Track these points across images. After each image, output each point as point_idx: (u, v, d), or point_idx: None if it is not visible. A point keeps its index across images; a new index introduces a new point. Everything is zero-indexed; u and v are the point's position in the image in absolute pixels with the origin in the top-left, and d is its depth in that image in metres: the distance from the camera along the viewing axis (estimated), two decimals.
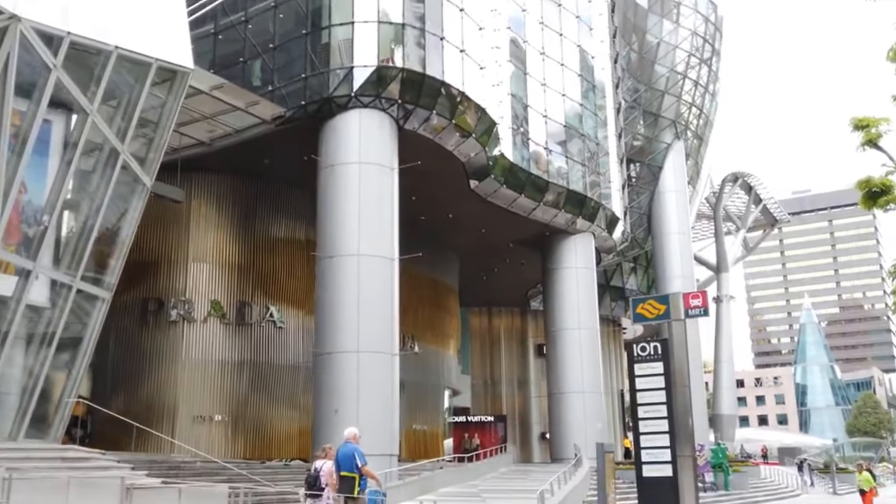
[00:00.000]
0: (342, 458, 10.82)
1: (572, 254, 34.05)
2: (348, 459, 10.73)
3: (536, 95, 31.14)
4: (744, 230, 70.12)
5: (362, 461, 10.74)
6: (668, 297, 17.73)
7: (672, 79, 46.46)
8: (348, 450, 10.88)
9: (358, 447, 10.95)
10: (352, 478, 10.65)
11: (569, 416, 33.04)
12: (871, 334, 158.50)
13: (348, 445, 10.98)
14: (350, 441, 11.07)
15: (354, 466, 10.66)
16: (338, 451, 11.18)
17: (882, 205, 33.84)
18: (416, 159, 23.64)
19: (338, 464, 10.88)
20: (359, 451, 10.87)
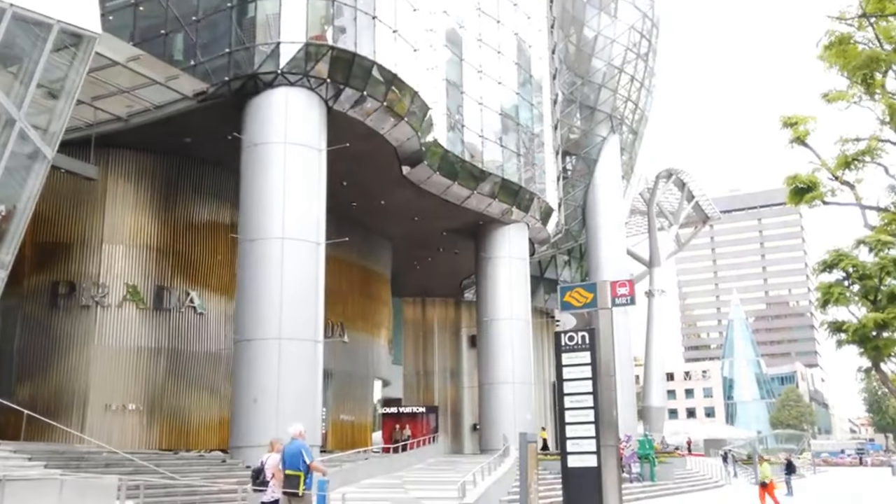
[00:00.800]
0: (288, 455, 10.71)
1: (506, 244, 33.78)
2: (295, 457, 10.63)
3: (472, 82, 30.69)
4: (676, 226, 71.22)
5: (310, 458, 10.67)
6: (595, 285, 17.45)
7: (609, 73, 46.63)
8: (295, 447, 10.76)
9: (304, 444, 10.87)
10: (297, 476, 10.57)
11: (499, 407, 32.82)
12: (796, 330, 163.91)
13: (294, 443, 10.86)
14: (296, 438, 10.96)
15: (301, 464, 10.57)
16: (284, 447, 11.09)
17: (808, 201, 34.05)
18: (346, 142, 22.92)
19: (283, 461, 10.77)
20: (305, 447, 10.79)
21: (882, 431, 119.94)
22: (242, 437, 20.24)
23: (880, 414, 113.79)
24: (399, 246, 37.70)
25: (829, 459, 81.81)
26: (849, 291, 44.93)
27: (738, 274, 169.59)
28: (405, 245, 37.60)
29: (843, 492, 34.74)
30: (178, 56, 22.82)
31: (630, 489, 27.63)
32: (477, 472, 18.46)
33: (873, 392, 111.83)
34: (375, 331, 35.67)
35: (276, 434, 19.60)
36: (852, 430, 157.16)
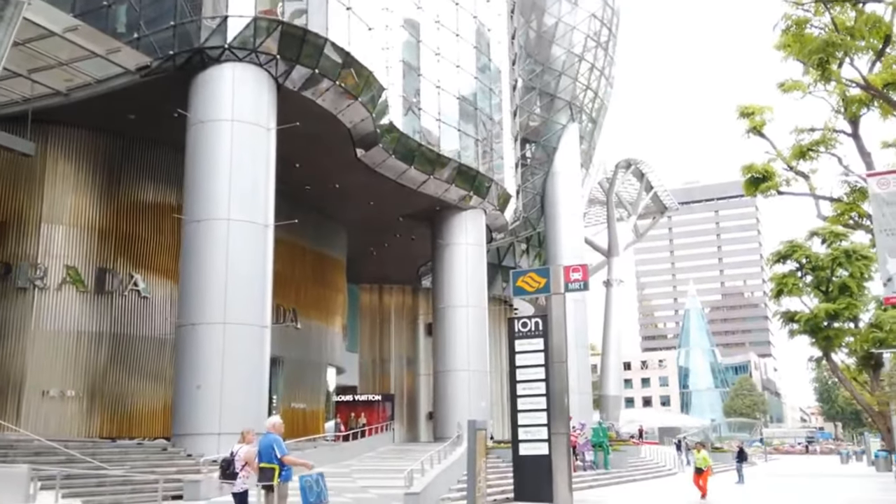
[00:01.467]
0: (262, 448, 10.64)
1: (463, 230, 33.39)
2: (268, 450, 10.54)
3: (430, 65, 30.15)
4: (635, 216, 71.64)
5: (282, 451, 10.53)
6: (548, 269, 17.15)
7: (569, 60, 46.42)
8: (268, 440, 10.67)
9: (277, 437, 10.71)
10: (271, 469, 10.48)
11: (454, 395, 32.49)
12: (750, 321, 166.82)
13: (268, 436, 10.75)
14: (270, 431, 10.85)
15: (274, 457, 10.49)
16: (260, 440, 10.99)
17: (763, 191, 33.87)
18: (297, 122, 22.22)
19: (259, 454, 10.71)
20: (278, 441, 10.63)
21: (832, 420, 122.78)
22: (185, 424, 19.56)
23: (830, 403, 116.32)
24: (355, 231, 37.08)
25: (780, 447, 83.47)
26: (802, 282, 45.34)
27: (695, 265, 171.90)
28: (361, 230, 36.98)
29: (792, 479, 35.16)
30: (122, 29, 21.89)
31: (583, 477, 27.53)
32: (426, 461, 18.06)
33: (824, 382, 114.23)
34: (329, 317, 35.05)
35: (219, 422, 19.07)
36: (803, 419, 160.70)
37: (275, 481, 10.41)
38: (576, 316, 45.89)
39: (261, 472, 10.57)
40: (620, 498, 22.69)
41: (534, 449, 18.15)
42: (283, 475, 10.45)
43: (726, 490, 27.07)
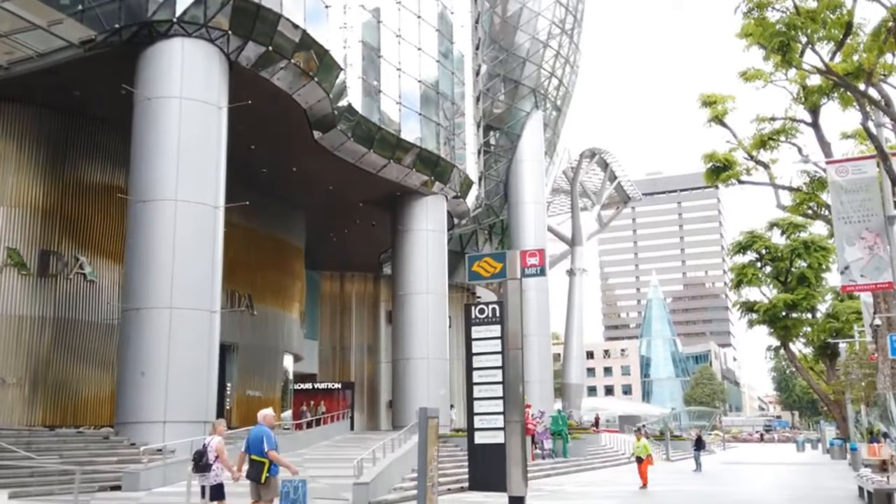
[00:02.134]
0: (252, 441, 10.22)
1: (423, 216, 32.90)
2: (258, 443, 10.12)
3: (391, 47, 29.53)
4: (598, 206, 71.80)
5: (269, 445, 10.08)
6: (504, 254, 16.69)
7: (533, 47, 46.01)
8: (258, 432, 10.23)
9: (268, 430, 10.32)
10: (261, 463, 10.13)
11: (413, 383, 32.11)
12: (711, 311, 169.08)
13: (259, 428, 10.32)
14: (261, 423, 10.45)
15: (263, 451, 10.14)
16: (250, 431, 10.65)
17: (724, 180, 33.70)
18: (252, 100, 21.50)
19: (247, 445, 10.32)
20: (268, 434, 10.23)
21: (789, 409, 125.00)
22: (129, 412, 18.86)
23: (787, 392, 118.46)
24: (314, 217, 36.39)
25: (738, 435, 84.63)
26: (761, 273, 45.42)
27: (658, 255, 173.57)
28: (320, 216, 36.31)
29: (748, 466, 35.42)
30: (65, 0, 20.92)
31: (541, 465, 27.37)
32: (378, 449, 17.63)
33: (782, 371, 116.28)
34: (287, 304, 34.39)
35: (164, 410, 18.43)
36: (761, 408, 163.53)
37: (262, 476, 10.12)
38: (538, 304, 45.78)
39: (250, 464, 10.26)
40: (577, 485, 22.50)
41: (489, 437, 17.76)
42: (272, 469, 10.18)
43: (681, 478, 27.14)
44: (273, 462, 10.15)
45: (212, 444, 10.74)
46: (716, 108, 32.97)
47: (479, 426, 17.99)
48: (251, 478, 10.20)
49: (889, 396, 25.71)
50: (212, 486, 10.69)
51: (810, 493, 20.79)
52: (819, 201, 32.11)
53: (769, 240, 49.44)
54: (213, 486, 10.69)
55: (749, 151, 32.63)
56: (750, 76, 30.47)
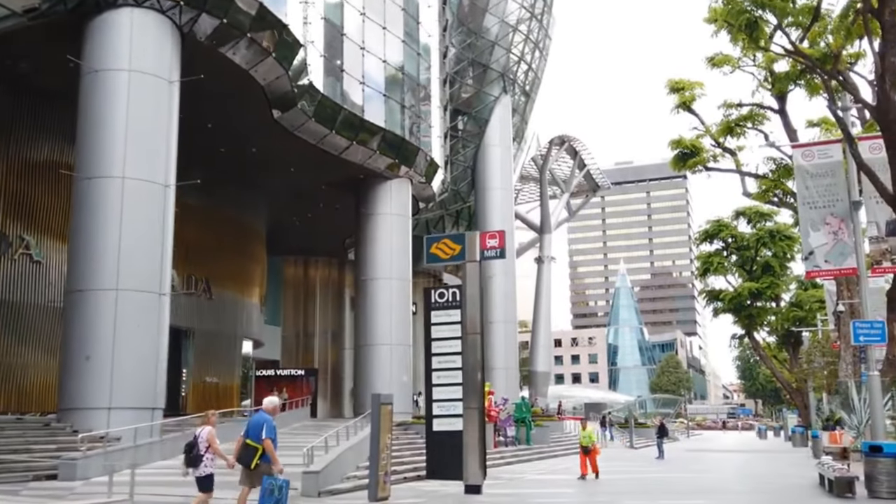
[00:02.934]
0: (252, 426, 10.29)
1: (388, 200, 32.24)
2: (257, 429, 10.15)
3: (355, 26, 28.76)
4: (567, 194, 71.61)
5: (267, 433, 10.06)
6: (464, 236, 16.25)
7: (502, 30, 45.41)
8: (259, 419, 10.28)
9: (269, 418, 10.30)
10: (254, 448, 10.13)
11: (375, 369, 31.55)
12: (678, 300, 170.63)
13: (261, 415, 10.38)
14: (265, 411, 10.49)
15: (260, 438, 10.10)
16: (251, 416, 10.79)
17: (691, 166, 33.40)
18: (208, 77, 20.71)
19: (246, 429, 10.36)
20: (268, 421, 10.21)
21: (752, 397, 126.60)
22: (73, 398, 18.07)
23: (751, 380, 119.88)
24: (276, 200, 35.59)
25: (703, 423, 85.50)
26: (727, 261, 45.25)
27: (626, 244, 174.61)
28: (283, 199, 35.50)
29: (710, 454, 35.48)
30: None
31: (503, 453, 27.03)
32: (331, 437, 17.08)
33: (746, 360, 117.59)
34: (246, 289, 33.64)
35: (110, 396, 17.69)
36: (726, 396, 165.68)
37: (253, 463, 10.05)
38: (504, 291, 45.41)
39: (243, 448, 10.20)
40: (538, 473, 22.16)
41: (448, 425, 17.34)
42: (264, 457, 10.11)
43: (642, 465, 26.97)
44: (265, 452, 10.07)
45: (203, 435, 10.47)
46: (683, 94, 32.74)
47: (437, 413, 17.58)
48: (241, 461, 10.18)
49: (851, 384, 25.70)
50: (199, 478, 10.45)
51: (771, 480, 20.66)
52: (785, 188, 32.08)
53: (735, 228, 49.58)
54: (200, 478, 10.44)
55: (716, 138, 32.48)
56: (718, 61, 30.25)
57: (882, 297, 27.72)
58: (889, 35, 14.64)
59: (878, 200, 17.17)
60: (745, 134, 31.70)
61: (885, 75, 14.71)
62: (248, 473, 10.16)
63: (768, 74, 29.34)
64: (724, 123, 31.14)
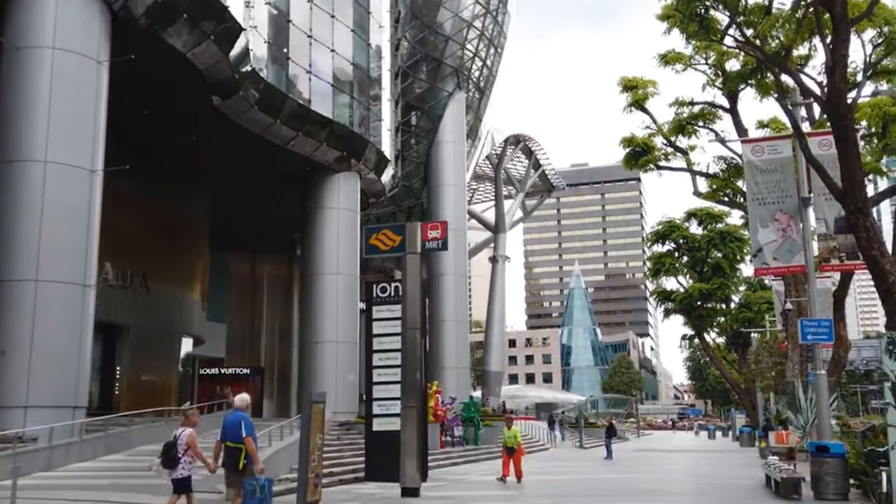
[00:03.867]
0: (229, 426, 10.13)
1: (335, 193, 31.36)
2: (235, 428, 10.01)
3: (302, 12, 27.82)
4: (522, 193, 71.45)
5: (247, 430, 9.96)
6: (404, 226, 15.55)
7: (456, 25, 44.83)
8: (236, 418, 10.12)
9: (246, 416, 10.19)
10: (238, 449, 9.97)
11: (321, 368, 30.64)
12: (631, 301, 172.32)
13: (236, 413, 10.23)
14: (240, 409, 10.36)
15: (241, 437, 10.01)
16: (225, 417, 10.58)
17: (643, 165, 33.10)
18: (144, 60, 19.66)
19: (223, 432, 10.22)
20: (246, 419, 10.10)
21: (702, 398, 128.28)
22: None
23: (702, 381, 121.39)
24: (220, 193, 34.39)
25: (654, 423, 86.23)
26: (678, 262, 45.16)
27: (581, 245, 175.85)
28: (227, 192, 34.30)
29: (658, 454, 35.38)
30: None
31: (450, 453, 26.45)
32: (264, 437, 16.23)
33: (696, 361, 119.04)
34: (187, 284, 32.46)
35: (27, 393, 16.62)
36: (676, 397, 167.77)
37: (240, 463, 9.92)
38: (456, 288, 44.84)
39: (226, 452, 10.04)
40: (482, 474, 21.58)
41: (388, 424, 16.66)
42: (249, 458, 10.00)
43: (590, 466, 26.62)
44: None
45: (183, 437, 10.11)
46: (636, 92, 32.49)
47: (377, 412, 16.88)
48: (227, 465, 9.92)
49: (797, 384, 25.68)
50: (175, 480, 10.05)
51: (717, 481, 20.40)
52: (735, 188, 32.06)
53: (687, 230, 49.79)
54: (177, 480, 10.05)
55: (668, 137, 32.33)
56: (670, 58, 30.04)
57: (829, 299, 27.86)
58: (840, 28, 14.36)
59: (826, 197, 16.95)
60: (696, 133, 31.62)
61: (835, 68, 14.43)
62: (236, 476, 9.89)
63: (720, 73, 29.28)
64: (675, 121, 30.98)
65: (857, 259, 16.22)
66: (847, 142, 14.52)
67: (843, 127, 14.56)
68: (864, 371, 67.60)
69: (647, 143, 32.41)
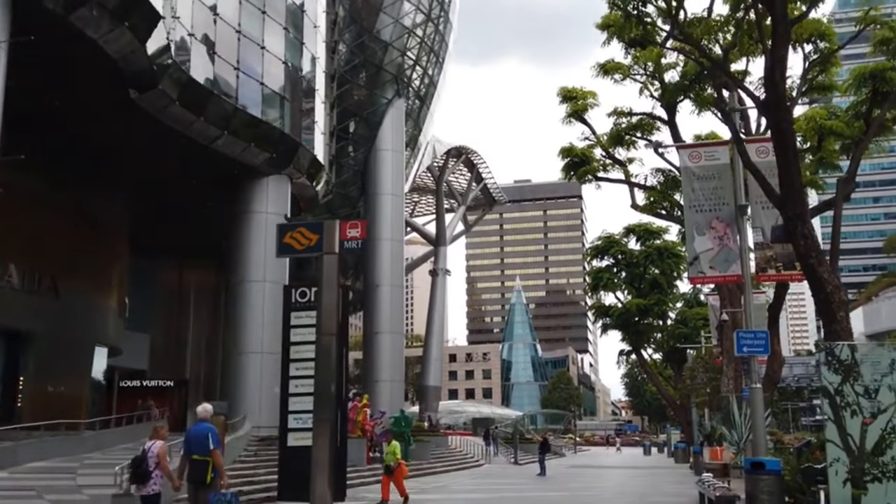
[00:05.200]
0: (194, 439, 9.89)
1: (263, 197, 29.98)
2: (202, 440, 9.80)
3: (229, 5, 26.53)
4: (464, 207, 70.93)
5: (214, 443, 9.79)
6: (321, 224, 14.38)
7: (397, 31, 43.96)
8: (202, 429, 9.94)
9: (213, 427, 10.03)
10: (205, 462, 9.76)
11: (245, 380, 29.16)
12: (571, 317, 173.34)
13: (202, 425, 10.03)
14: (204, 420, 10.17)
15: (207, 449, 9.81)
16: (189, 430, 10.38)
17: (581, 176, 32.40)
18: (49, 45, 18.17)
19: (188, 445, 9.95)
20: (213, 431, 9.94)
21: (640, 414, 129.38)
22: None
23: (639, 398, 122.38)
24: (145, 194, 32.59)
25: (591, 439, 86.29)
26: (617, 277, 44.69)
27: (523, 261, 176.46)
28: (152, 194, 32.54)
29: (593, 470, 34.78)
30: None
31: (375, 469, 25.20)
32: None
33: (634, 377, 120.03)
34: (102, 289, 30.62)
35: None
36: (614, 413, 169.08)
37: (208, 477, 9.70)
38: (391, 300, 43.71)
39: (192, 465, 9.78)
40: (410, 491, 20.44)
41: (303, 439, 15.38)
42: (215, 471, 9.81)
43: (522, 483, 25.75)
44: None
45: (154, 450, 9.78)
46: (576, 102, 32.05)
47: (292, 426, 15.54)
48: (193, 480, 9.62)
49: (732, 399, 25.29)
50: (146, 497, 9.62)
51: (650, 500, 19.70)
52: (672, 201, 31.78)
53: (625, 245, 49.69)
54: (148, 497, 9.62)
55: (606, 148, 31.93)
56: (609, 67, 29.62)
57: (764, 314, 27.62)
58: (780, 26, 13.85)
59: (764, 206, 16.44)
60: (635, 145, 31.29)
61: (774, 68, 13.92)
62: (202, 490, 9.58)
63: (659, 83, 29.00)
64: (613, 132, 30.60)
65: (794, 269, 15.73)
66: (786, 145, 14.02)
67: (782, 130, 14.05)
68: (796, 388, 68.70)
69: (586, 154, 31.97)
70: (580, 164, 32.28)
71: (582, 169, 32.07)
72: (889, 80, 21.06)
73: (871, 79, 21.65)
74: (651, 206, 32.54)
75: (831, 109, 24.99)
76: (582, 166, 32.20)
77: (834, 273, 14.09)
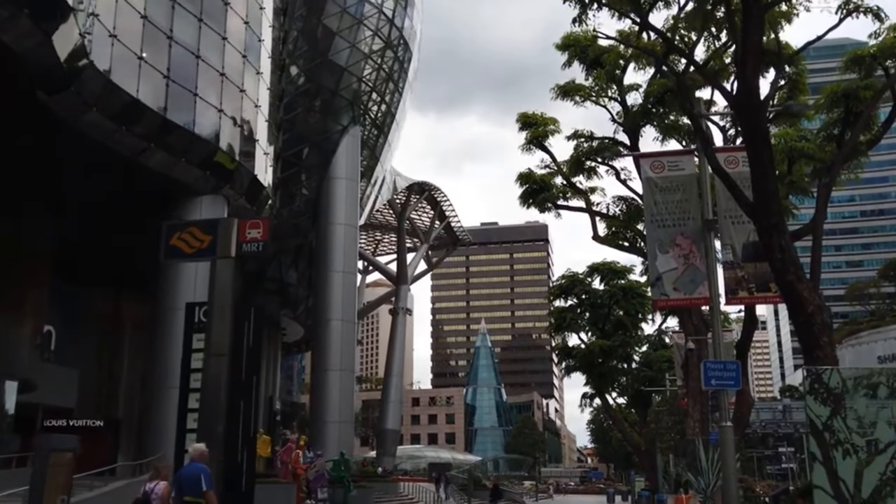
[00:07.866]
0: (186, 479, 9.57)
1: (196, 218, 27.63)
2: (194, 482, 9.45)
3: (161, 8, 24.55)
4: (426, 245, 69.07)
5: (207, 485, 9.37)
6: (216, 223, 12.29)
7: (353, 57, 42.30)
8: (194, 470, 9.61)
9: (205, 468, 9.62)
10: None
11: (167, 416, 26.32)
12: (536, 362, 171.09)
13: (194, 465, 9.69)
14: (196, 460, 9.76)
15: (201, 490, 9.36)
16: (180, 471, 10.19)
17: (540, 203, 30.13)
18: None
19: (180, 486, 9.62)
20: (206, 472, 9.57)
21: (606, 461, 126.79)
22: None
23: (605, 444, 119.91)
24: (69, 214, 30.04)
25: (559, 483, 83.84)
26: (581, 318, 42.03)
27: (489, 304, 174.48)
28: (78, 213, 30.01)
29: None
30: None
31: None
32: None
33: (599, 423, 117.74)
34: (15, 317, 27.85)
35: None
36: (580, 459, 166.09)
37: None
38: (343, 336, 41.35)
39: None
40: None
41: None
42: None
43: None
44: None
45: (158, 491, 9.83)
46: (536, 129, 30.44)
47: None
48: None
49: (698, 443, 23.22)
50: None
51: None
52: (635, 231, 30.08)
53: (589, 285, 47.92)
54: None
55: (567, 177, 30.25)
56: (570, 89, 28.08)
57: (732, 352, 25.77)
58: (751, 11, 12.14)
59: (734, 220, 14.62)
60: (597, 172, 29.70)
61: (746, 59, 12.19)
62: None
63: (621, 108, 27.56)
64: (573, 157, 28.98)
65: (769, 291, 13.84)
66: (759, 144, 12.22)
67: (755, 127, 12.27)
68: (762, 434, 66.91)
69: (545, 181, 30.33)
70: (539, 191, 30.61)
71: (541, 196, 30.38)
72: (863, 100, 19.68)
73: (844, 98, 20.28)
74: (614, 236, 30.84)
75: (801, 133, 23.61)
76: (541, 193, 30.53)
77: (815, 292, 12.20)
